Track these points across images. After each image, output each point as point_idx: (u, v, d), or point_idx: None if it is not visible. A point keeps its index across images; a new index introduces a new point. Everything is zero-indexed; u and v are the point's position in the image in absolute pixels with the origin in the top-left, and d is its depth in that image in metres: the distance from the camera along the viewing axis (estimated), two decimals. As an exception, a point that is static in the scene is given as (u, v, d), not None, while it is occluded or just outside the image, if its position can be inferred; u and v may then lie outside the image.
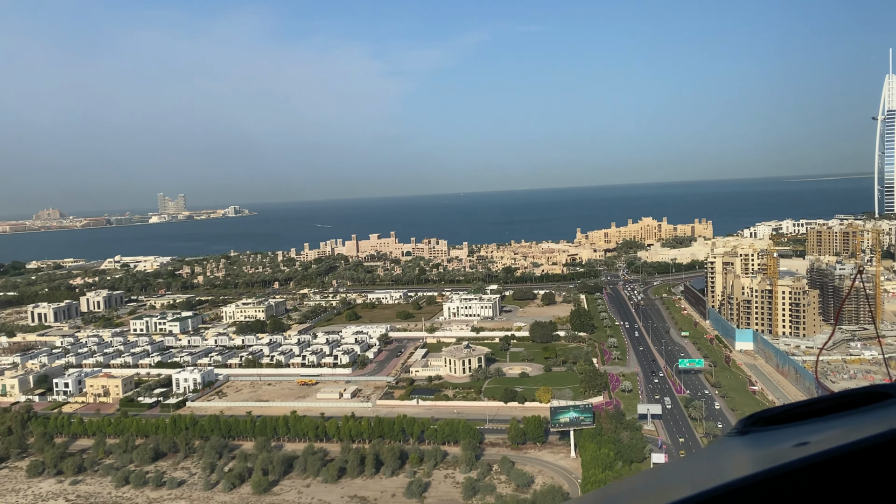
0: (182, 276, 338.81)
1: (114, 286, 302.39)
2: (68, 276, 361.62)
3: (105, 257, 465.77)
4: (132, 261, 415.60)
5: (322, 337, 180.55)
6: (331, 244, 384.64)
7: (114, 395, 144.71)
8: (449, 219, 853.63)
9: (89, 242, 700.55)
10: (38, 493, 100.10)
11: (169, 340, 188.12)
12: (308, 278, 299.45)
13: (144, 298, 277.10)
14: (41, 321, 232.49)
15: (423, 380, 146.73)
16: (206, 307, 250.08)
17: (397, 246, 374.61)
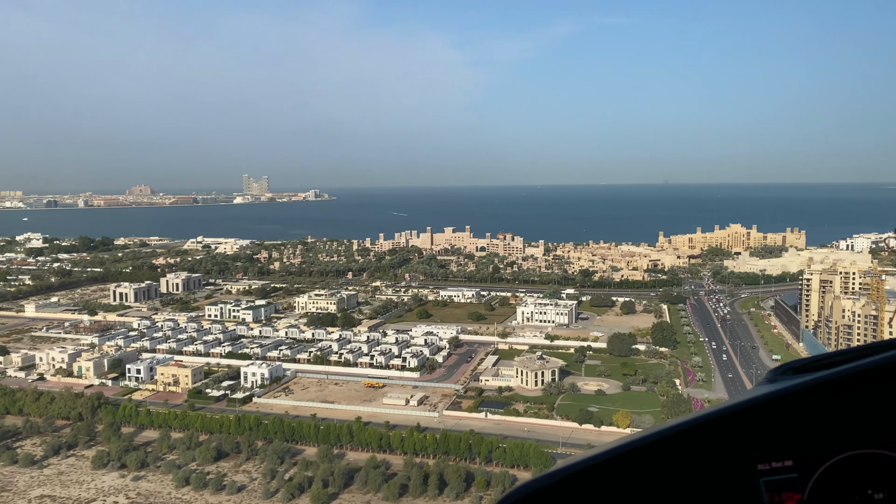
0: (259, 260, 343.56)
1: (193, 268, 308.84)
2: (152, 255, 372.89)
3: (188, 237, 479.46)
4: (213, 242, 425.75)
5: (391, 336, 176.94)
6: (405, 235, 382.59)
7: (183, 384, 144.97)
8: (525, 212, 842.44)
9: (175, 221, 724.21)
10: (101, 488, 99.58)
11: (241, 329, 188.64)
12: (381, 270, 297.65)
13: (222, 282, 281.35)
14: (122, 300, 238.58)
15: (492, 390, 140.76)
16: (280, 294, 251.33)
17: (472, 240, 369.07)
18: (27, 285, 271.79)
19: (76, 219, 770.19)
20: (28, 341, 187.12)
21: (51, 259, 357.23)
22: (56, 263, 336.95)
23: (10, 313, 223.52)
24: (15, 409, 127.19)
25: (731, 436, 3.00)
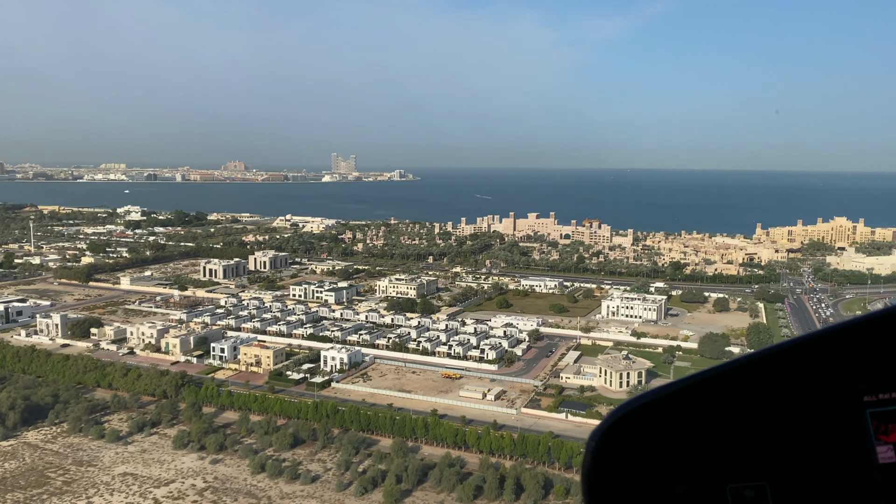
0: (344, 240, 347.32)
1: (281, 246, 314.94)
2: (242, 232, 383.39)
3: (277, 214, 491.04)
4: (301, 220, 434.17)
5: (470, 325, 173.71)
6: (487, 220, 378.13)
7: (265, 365, 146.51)
8: (613, 197, 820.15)
9: (266, 198, 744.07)
10: (180, 469, 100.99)
11: (323, 311, 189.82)
12: (462, 255, 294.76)
13: (307, 262, 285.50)
14: (211, 277, 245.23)
15: (573, 389, 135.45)
16: (361, 277, 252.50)
17: (556, 227, 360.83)
18: (124, 258, 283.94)
19: (173, 193, 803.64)
20: (121, 314, 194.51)
21: (147, 232, 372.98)
22: (152, 237, 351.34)
23: (107, 285, 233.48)
24: (105, 382, 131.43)
25: (835, 360, 2.94)
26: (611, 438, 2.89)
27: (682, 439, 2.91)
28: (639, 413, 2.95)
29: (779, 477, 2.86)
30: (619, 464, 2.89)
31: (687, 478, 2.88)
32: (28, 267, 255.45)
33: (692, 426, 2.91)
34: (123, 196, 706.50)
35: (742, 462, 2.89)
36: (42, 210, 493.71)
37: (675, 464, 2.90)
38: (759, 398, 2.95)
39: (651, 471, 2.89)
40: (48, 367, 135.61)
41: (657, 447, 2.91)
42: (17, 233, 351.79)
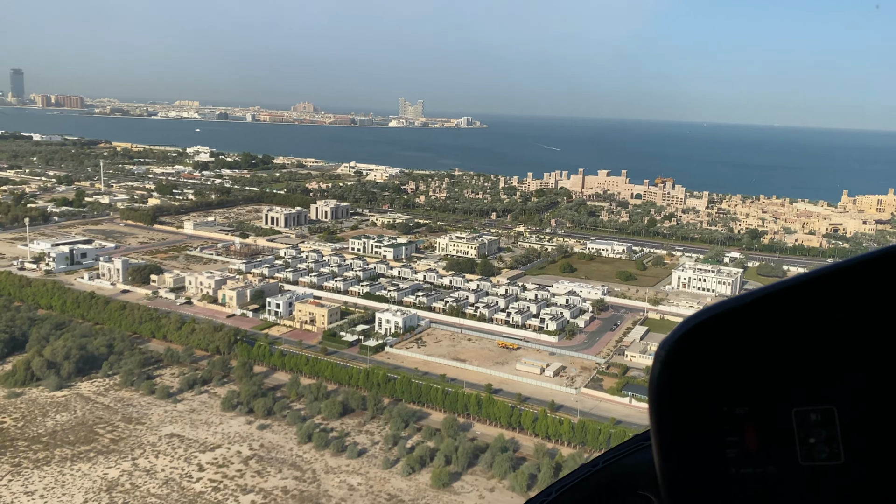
0: (406, 191, 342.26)
1: (343, 195, 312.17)
2: (306, 178, 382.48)
3: (342, 160, 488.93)
4: (364, 168, 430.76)
5: (531, 292, 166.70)
6: (555, 176, 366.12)
7: (319, 324, 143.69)
8: (687, 152, 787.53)
9: (332, 142, 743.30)
10: (227, 433, 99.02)
11: (380, 268, 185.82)
12: (526, 213, 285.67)
13: (368, 213, 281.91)
14: (273, 225, 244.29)
15: (639, 369, 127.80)
16: (422, 232, 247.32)
17: (627, 186, 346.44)
18: (190, 200, 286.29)
19: (242, 133, 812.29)
20: (182, 260, 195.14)
21: (214, 174, 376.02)
22: (218, 179, 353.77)
23: (171, 228, 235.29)
24: (160, 334, 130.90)
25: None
26: (680, 349, 2.70)
27: (748, 357, 2.72)
28: (711, 324, 2.74)
29: (848, 402, 2.69)
30: (687, 378, 2.72)
31: (751, 399, 2.72)
32: (96, 206, 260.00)
33: (760, 343, 2.72)
34: (194, 135, 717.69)
35: (810, 385, 2.72)
36: (116, 147, 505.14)
37: (740, 383, 2.73)
38: (832, 317, 2.72)
39: (716, 388, 2.73)
40: (105, 314, 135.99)
41: (723, 363, 2.73)
42: (89, 170, 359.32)
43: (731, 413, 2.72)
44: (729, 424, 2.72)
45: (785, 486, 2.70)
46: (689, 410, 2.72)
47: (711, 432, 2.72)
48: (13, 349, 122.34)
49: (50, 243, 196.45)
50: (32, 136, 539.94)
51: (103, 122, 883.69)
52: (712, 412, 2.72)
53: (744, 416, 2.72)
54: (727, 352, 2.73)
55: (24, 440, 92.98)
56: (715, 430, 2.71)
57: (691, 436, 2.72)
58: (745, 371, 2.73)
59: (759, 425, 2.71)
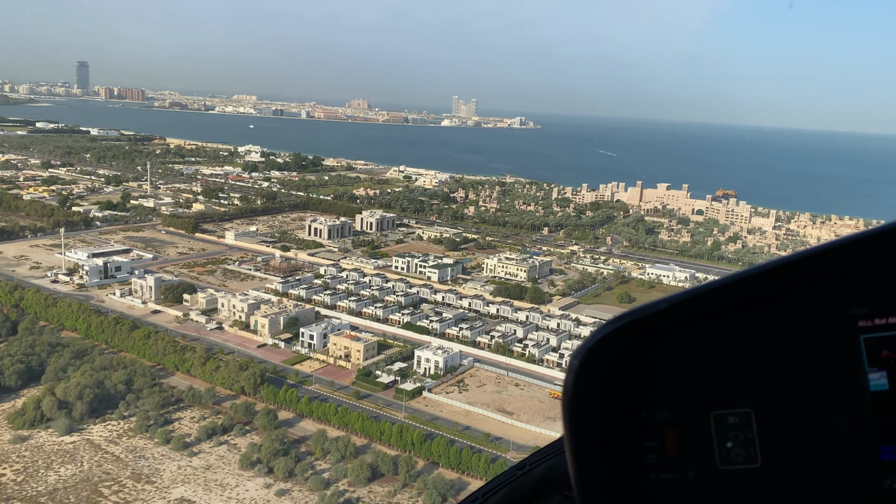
0: (455, 199, 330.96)
1: (389, 203, 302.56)
2: (355, 182, 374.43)
3: (392, 162, 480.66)
4: (413, 172, 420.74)
5: (586, 327, 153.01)
6: (611, 188, 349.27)
7: (354, 359, 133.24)
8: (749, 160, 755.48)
9: (384, 141, 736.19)
10: (241, 499, 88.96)
11: (424, 292, 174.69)
12: (580, 229, 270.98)
13: (414, 224, 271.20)
14: (316, 236, 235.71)
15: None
16: (469, 248, 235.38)
17: (688, 201, 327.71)
18: (234, 206, 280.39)
19: (296, 130, 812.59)
20: (220, 275, 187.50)
21: (263, 176, 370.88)
22: (266, 183, 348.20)
23: (212, 238, 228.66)
24: (184, 368, 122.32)
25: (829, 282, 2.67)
26: (594, 357, 2.70)
27: (665, 362, 2.74)
28: (624, 332, 2.74)
29: (764, 404, 2.69)
30: (602, 386, 2.71)
31: (669, 403, 2.72)
32: (140, 210, 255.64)
33: (676, 348, 2.74)
34: (248, 132, 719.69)
35: (727, 388, 2.72)
36: (169, 144, 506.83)
37: (658, 388, 2.73)
38: (748, 320, 2.73)
39: (633, 394, 2.72)
40: (129, 343, 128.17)
41: (640, 369, 2.73)
42: (139, 169, 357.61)
43: (650, 418, 2.71)
44: (648, 429, 2.70)
45: (704, 490, 2.69)
46: (605, 418, 2.70)
47: (630, 438, 2.70)
48: (29, 380, 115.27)
49: (86, 253, 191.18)
50: (90, 131, 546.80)
51: (161, 116, 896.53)
52: (630, 418, 2.71)
53: (663, 421, 2.71)
54: (642, 358, 2.72)
55: (20, 500, 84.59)
56: (634, 436, 2.70)
57: (608, 443, 2.70)
58: (661, 376, 2.73)
59: (679, 429, 2.70)
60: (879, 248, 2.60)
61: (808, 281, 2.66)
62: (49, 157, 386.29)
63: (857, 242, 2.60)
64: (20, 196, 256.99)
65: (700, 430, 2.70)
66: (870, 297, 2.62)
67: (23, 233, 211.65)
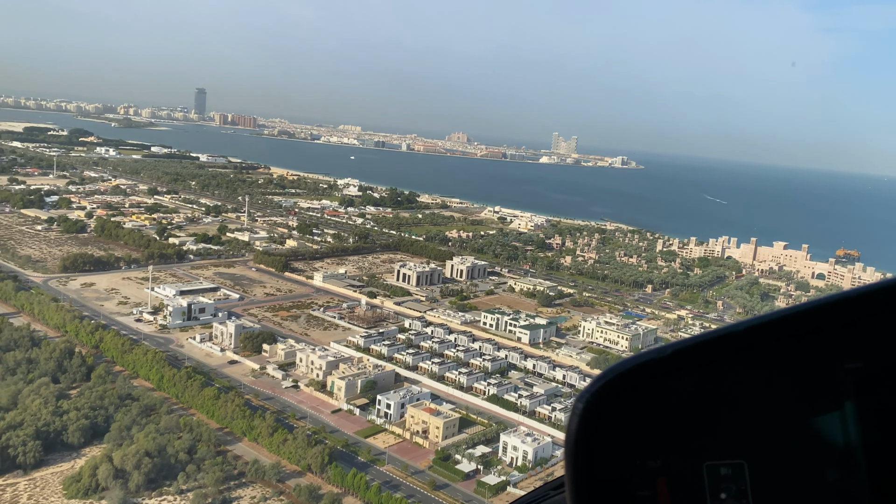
0: (552, 246, 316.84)
1: (482, 248, 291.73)
2: (448, 222, 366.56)
3: (487, 202, 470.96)
4: (509, 214, 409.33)
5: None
6: (722, 242, 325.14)
7: (433, 436, 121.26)
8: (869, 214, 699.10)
9: (481, 177, 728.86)
10: None
11: (513, 356, 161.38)
12: (687, 289, 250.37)
13: (507, 274, 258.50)
14: (404, 282, 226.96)
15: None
16: (565, 304, 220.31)
17: (807, 263, 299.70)
18: (327, 244, 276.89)
19: (395, 163, 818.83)
20: (303, 322, 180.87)
21: (358, 212, 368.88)
22: (360, 219, 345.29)
23: (301, 278, 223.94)
24: (252, 436, 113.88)
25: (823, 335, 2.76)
26: (597, 403, 2.73)
27: (661, 410, 2.76)
28: (627, 377, 2.79)
29: (758, 456, 2.73)
30: (602, 431, 2.74)
31: (663, 451, 2.75)
32: (234, 244, 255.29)
33: (674, 396, 2.77)
34: (349, 163, 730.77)
35: (721, 438, 2.76)
36: (273, 173, 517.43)
37: (652, 436, 2.76)
38: (742, 371, 2.80)
39: (629, 441, 2.76)
40: (199, 401, 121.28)
41: (640, 416, 2.76)
42: (240, 199, 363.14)
43: (643, 466, 2.73)
44: (641, 477, 2.73)
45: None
46: (603, 464, 2.73)
47: (624, 485, 2.73)
48: (93, 436, 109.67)
49: (174, 290, 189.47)
50: (199, 157, 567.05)
51: (269, 144, 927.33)
52: (625, 465, 2.74)
53: (656, 470, 2.73)
54: (642, 404, 2.76)
55: None
56: (627, 484, 2.73)
57: (604, 489, 2.72)
58: (659, 424, 2.75)
59: (671, 479, 2.72)
60: (873, 303, 2.66)
61: (803, 334, 2.72)
62: (157, 182, 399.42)
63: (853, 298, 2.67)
64: (121, 224, 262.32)
65: (693, 481, 2.72)
66: (863, 351, 2.69)
67: (118, 264, 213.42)
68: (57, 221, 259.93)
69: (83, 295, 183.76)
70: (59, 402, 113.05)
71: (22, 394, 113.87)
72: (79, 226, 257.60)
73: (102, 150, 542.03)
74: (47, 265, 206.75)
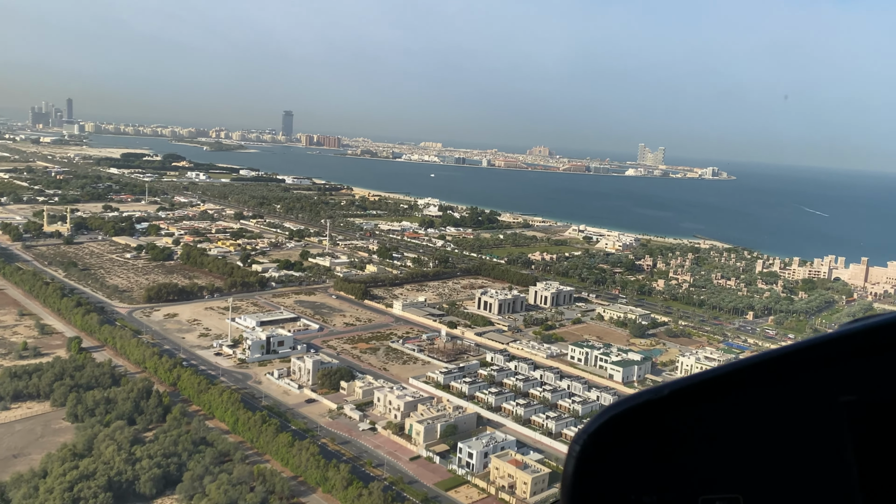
0: (642, 267, 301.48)
1: (567, 272, 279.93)
2: (531, 243, 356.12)
3: (571, 219, 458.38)
4: (595, 233, 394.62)
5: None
6: (828, 262, 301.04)
7: (520, 492, 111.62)
8: None
9: (564, 193, 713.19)
10: None
11: (605, 398, 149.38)
12: (793, 316, 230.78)
13: (594, 300, 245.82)
14: (485, 311, 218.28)
15: None
16: (659, 334, 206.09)
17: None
18: (406, 268, 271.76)
19: (475, 180, 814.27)
20: (382, 355, 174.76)
21: (438, 234, 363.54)
22: (440, 241, 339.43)
23: (380, 306, 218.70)
24: (326, 487, 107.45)
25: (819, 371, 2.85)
26: (593, 444, 2.79)
27: (657, 448, 2.82)
28: (624, 417, 2.85)
29: (754, 490, 2.78)
30: (598, 471, 2.80)
31: (658, 488, 2.81)
32: (315, 271, 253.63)
33: (668, 435, 2.83)
34: (429, 181, 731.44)
35: (717, 473, 2.82)
36: (355, 195, 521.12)
37: (648, 473, 2.82)
38: (738, 405, 2.87)
39: (626, 478, 2.81)
40: (273, 447, 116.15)
41: (635, 454, 2.83)
42: (322, 222, 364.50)
43: (638, 502, 2.78)
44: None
45: None
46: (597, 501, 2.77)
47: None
48: (166, 486, 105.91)
49: (255, 320, 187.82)
50: (285, 179, 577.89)
51: (352, 164, 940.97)
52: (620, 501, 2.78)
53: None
54: (637, 443, 2.82)
55: None
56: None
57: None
58: (654, 460, 2.81)
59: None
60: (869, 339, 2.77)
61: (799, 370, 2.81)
62: (243, 206, 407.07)
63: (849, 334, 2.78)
64: (206, 252, 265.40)
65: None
66: (859, 385, 2.76)
67: (201, 293, 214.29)
68: (145, 249, 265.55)
69: (165, 327, 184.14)
70: (132, 448, 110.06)
71: (97, 438, 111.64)
72: (166, 253, 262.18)
73: (193, 175, 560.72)
74: (133, 295, 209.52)
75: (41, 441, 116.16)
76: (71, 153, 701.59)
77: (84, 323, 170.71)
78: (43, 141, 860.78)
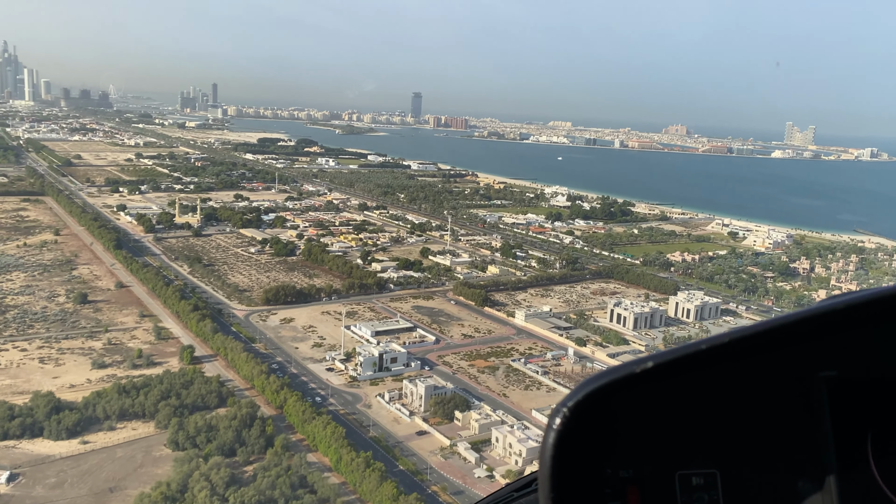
0: (797, 271, 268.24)
1: (711, 277, 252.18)
2: (669, 238, 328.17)
3: (712, 207, 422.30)
4: (741, 228, 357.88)
5: None
6: None
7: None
8: None
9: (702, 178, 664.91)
10: None
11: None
12: None
13: (745, 314, 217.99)
14: (619, 324, 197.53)
15: None
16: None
17: None
18: (531, 269, 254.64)
19: (606, 162, 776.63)
20: (501, 377, 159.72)
21: (566, 227, 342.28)
22: (568, 237, 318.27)
23: (501, 315, 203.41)
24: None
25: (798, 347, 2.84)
26: (571, 417, 2.77)
27: (632, 420, 2.82)
28: (601, 392, 2.83)
29: (731, 465, 2.80)
30: (575, 444, 2.79)
31: (634, 461, 2.81)
32: (435, 271, 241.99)
33: (645, 410, 2.83)
34: (556, 165, 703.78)
35: (693, 448, 2.83)
36: (479, 181, 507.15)
37: (623, 445, 2.82)
38: (715, 380, 2.86)
39: (602, 452, 2.81)
40: (377, 497, 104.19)
41: (612, 428, 2.82)
42: (445, 213, 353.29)
43: (614, 475, 2.78)
44: (612, 487, 2.77)
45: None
46: (574, 474, 2.75)
47: (595, 495, 2.76)
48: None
49: (369, 329, 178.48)
50: (410, 165, 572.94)
51: (478, 147, 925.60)
52: (596, 475, 2.78)
53: (627, 479, 2.78)
54: (614, 417, 2.81)
55: None
56: (598, 494, 2.76)
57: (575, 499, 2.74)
58: (631, 435, 2.81)
59: (642, 488, 2.76)
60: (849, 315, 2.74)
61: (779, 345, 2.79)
62: (367, 196, 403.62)
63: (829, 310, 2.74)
64: (326, 248, 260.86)
65: (664, 490, 2.75)
66: (837, 361, 2.78)
67: (318, 295, 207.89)
68: (269, 243, 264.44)
69: (280, 334, 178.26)
70: (227, 492, 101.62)
71: (192, 477, 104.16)
72: (288, 248, 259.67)
73: (322, 161, 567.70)
74: (252, 295, 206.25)
75: (140, 472, 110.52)
76: (212, 138, 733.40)
77: (199, 329, 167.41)
78: (188, 125, 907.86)
